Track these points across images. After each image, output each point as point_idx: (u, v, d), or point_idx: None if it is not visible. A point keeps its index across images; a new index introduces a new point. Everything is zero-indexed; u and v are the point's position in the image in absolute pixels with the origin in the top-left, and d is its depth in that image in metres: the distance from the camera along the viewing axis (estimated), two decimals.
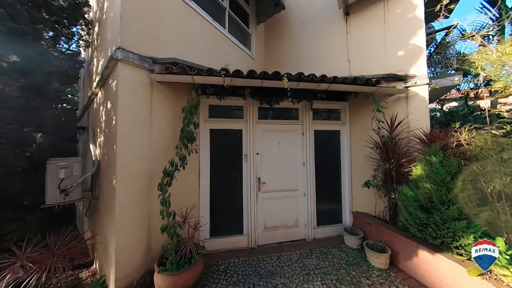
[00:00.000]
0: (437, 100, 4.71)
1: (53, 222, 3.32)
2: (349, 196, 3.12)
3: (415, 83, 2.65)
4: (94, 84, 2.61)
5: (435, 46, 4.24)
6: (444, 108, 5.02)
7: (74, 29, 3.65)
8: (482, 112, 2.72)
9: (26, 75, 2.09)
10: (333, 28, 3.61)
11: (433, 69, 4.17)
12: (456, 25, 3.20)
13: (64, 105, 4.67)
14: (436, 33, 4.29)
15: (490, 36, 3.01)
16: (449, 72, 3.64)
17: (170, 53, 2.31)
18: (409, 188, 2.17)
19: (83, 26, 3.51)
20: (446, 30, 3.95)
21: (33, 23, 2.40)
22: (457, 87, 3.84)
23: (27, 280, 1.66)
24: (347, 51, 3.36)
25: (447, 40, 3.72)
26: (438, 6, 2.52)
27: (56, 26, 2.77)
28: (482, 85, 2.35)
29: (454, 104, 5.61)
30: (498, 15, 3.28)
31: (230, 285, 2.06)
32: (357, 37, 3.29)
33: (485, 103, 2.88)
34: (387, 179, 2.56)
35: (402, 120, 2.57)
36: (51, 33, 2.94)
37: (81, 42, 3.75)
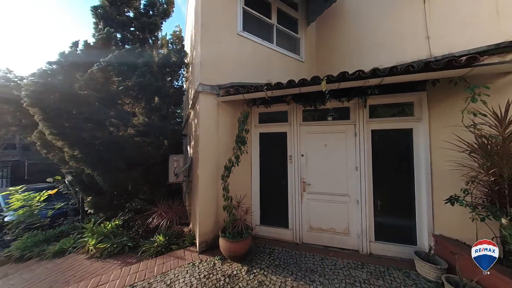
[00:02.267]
0: None
1: (172, 194, 5.38)
2: (428, 214, 2.42)
3: None
4: (189, 107, 3.99)
5: None
6: None
7: (180, 71, 5.66)
8: None
9: (161, 109, 3.69)
10: (403, 1, 2.89)
11: None
12: None
13: (177, 119, 7.33)
14: None
15: None
16: None
17: (229, 78, 3.09)
18: None
19: (184, 68, 5.37)
20: None
21: (163, 75, 4.13)
22: None
23: (161, 223, 3.03)
24: (425, 26, 2.58)
25: None
26: None
27: (172, 73, 4.51)
28: None
29: None
30: None
31: (271, 266, 2.44)
32: (442, 3, 2.45)
33: None
34: (493, 197, 1.78)
35: None
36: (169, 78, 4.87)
37: (183, 78, 5.75)
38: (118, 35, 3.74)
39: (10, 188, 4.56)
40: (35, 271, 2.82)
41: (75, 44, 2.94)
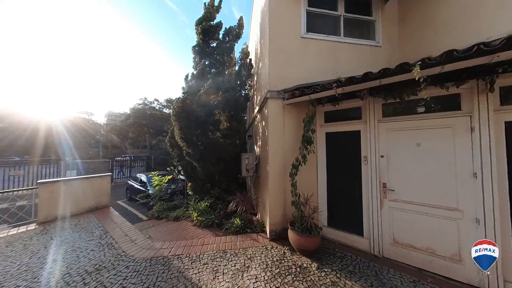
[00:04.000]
0: None
1: (240, 186, 6.31)
2: None
3: None
4: (255, 111, 4.55)
5: None
6: None
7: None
8: None
9: (237, 115, 4.50)
10: None
11: None
12: None
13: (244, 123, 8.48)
14: None
15: None
16: None
17: (294, 81, 3.26)
18: None
19: (250, 78, 6.16)
20: None
21: (237, 87, 4.99)
22: None
23: (238, 209, 3.71)
24: None
25: None
26: None
27: (242, 84, 5.35)
28: None
29: None
30: None
31: (344, 271, 2.33)
32: None
33: None
34: None
35: None
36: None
37: (249, 87, 6.59)
38: (206, 62, 4.96)
39: (152, 173, 7.28)
40: (167, 226, 4.39)
41: (186, 76, 4.36)
